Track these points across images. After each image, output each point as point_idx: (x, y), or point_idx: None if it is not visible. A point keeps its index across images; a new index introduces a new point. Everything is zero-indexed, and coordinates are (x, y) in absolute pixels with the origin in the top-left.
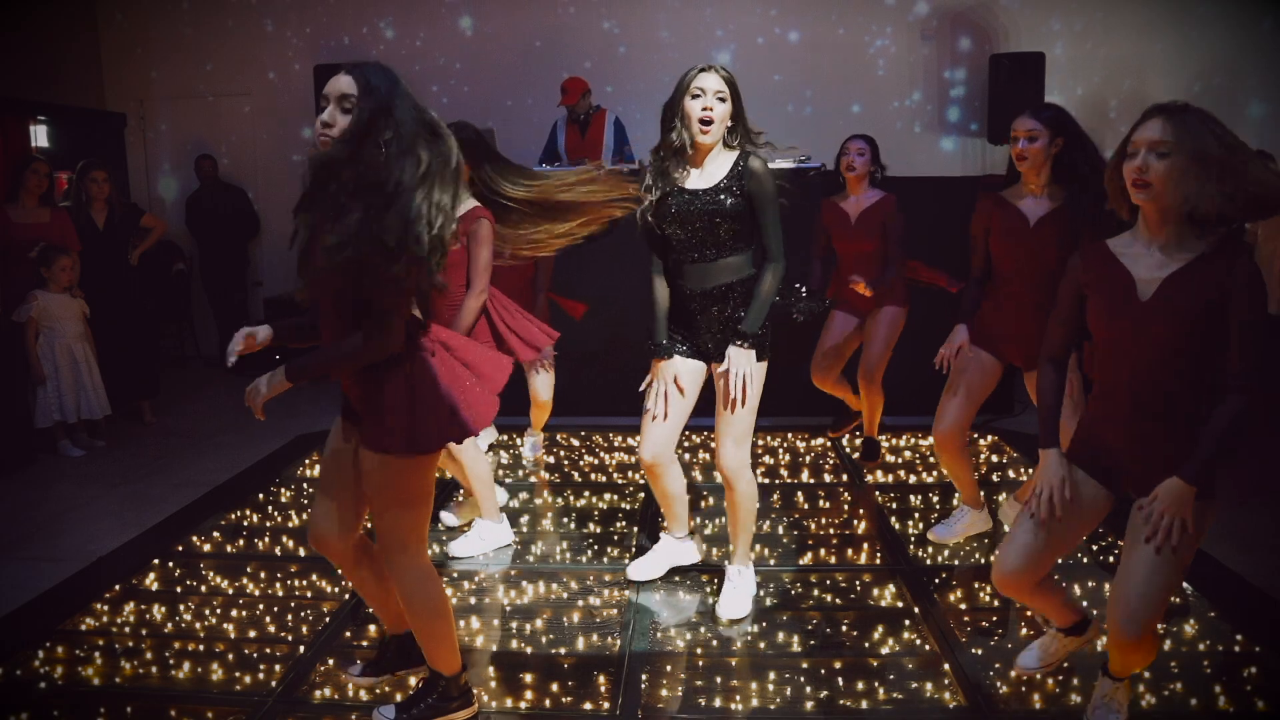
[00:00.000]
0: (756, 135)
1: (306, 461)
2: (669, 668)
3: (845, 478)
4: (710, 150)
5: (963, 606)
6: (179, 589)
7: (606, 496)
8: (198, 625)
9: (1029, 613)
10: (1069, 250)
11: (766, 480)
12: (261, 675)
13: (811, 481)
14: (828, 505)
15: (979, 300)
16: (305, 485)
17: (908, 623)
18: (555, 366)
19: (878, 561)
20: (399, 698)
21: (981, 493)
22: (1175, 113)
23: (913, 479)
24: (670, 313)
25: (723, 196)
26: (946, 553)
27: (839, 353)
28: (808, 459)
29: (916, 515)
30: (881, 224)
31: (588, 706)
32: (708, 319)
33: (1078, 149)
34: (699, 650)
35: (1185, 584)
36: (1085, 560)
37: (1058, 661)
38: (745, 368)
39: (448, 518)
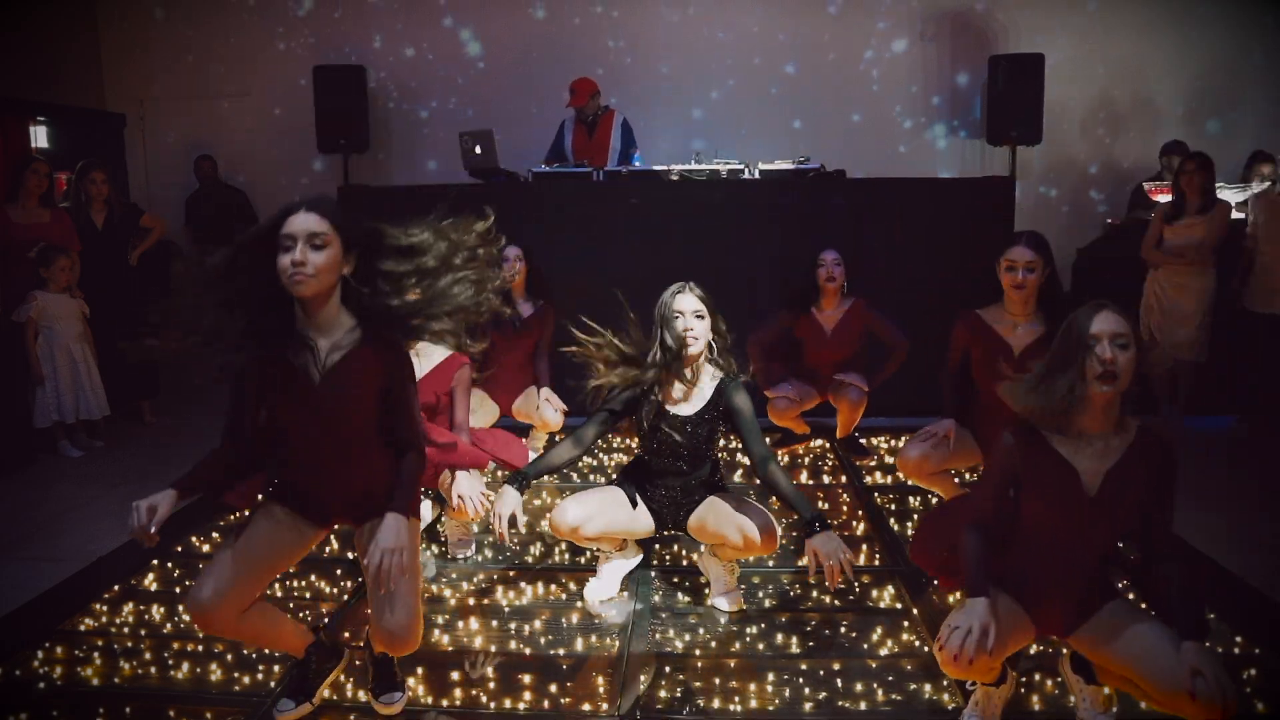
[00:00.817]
0: (727, 339)
1: None
2: (668, 669)
3: (844, 479)
4: (696, 360)
5: None
6: (178, 589)
7: None
8: (197, 625)
9: None
10: None
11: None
12: (260, 675)
13: (810, 483)
14: (826, 506)
15: (958, 392)
16: None
17: (906, 624)
18: (555, 369)
19: (876, 563)
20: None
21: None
22: (1113, 306)
23: (911, 480)
24: (633, 476)
25: (701, 428)
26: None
27: (801, 404)
28: (807, 460)
29: (915, 516)
30: (862, 331)
31: (586, 707)
32: (670, 506)
33: (1054, 275)
34: (698, 651)
35: None
36: None
37: (998, 715)
38: (837, 548)
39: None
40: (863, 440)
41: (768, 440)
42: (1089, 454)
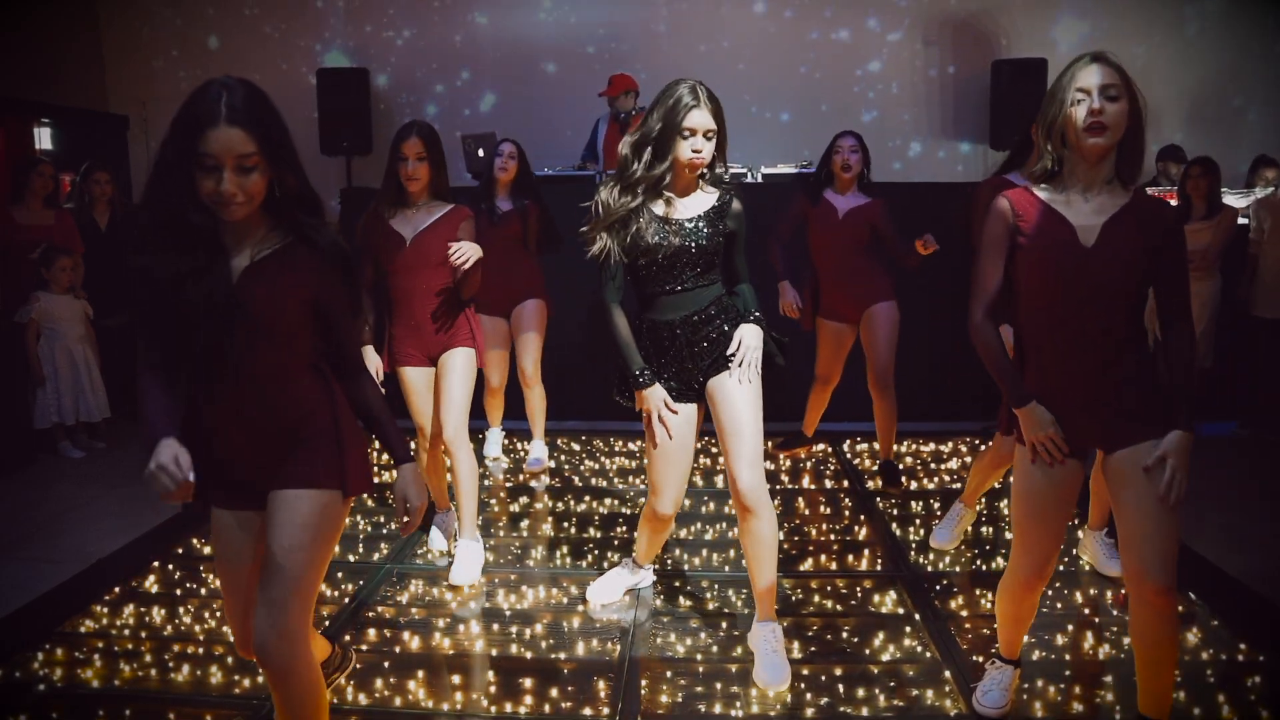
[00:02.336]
0: (726, 163)
1: None
2: (669, 673)
3: (846, 484)
4: (692, 181)
5: (964, 613)
6: (178, 591)
7: (606, 501)
8: (197, 628)
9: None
10: None
11: (765, 485)
12: (260, 678)
13: (812, 487)
14: (828, 511)
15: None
16: None
17: (908, 629)
18: (549, 366)
19: (878, 567)
20: (397, 701)
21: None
22: (1108, 59)
23: (914, 485)
24: (652, 352)
25: (704, 227)
26: (947, 559)
27: (838, 358)
28: (809, 465)
29: (917, 521)
30: (871, 225)
31: (587, 712)
32: (696, 348)
33: None
34: (699, 656)
35: (1189, 592)
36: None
37: (1013, 699)
38: (756, 340)
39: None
40: (900, 468)
41: (769, 444)
42: (1085, 210)
